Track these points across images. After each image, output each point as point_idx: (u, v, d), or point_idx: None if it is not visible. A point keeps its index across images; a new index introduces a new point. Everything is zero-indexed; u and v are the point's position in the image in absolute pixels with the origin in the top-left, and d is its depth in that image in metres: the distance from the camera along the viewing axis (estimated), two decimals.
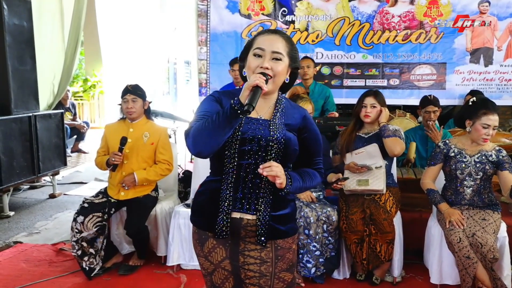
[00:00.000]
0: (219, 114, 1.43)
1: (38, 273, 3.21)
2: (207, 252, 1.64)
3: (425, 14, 5.08)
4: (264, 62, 1.53)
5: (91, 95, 11.28)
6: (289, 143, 1.58)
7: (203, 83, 5.63)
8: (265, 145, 1.55)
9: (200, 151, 1.48)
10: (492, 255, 2.55)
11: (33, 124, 4.57)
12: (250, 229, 1.58)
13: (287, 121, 1.62)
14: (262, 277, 1.60)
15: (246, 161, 1.56)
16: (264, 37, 1.57)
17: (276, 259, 1.61)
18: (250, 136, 1.55)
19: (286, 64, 1.58)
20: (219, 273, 1.65)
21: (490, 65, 5.05)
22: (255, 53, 1.56)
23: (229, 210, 1.57)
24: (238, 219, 1.58)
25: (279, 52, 1.55)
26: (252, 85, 1.42)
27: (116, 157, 3.09)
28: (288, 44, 1.59)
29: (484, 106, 2.71)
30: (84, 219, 2.99)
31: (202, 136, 1.45)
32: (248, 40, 1.65)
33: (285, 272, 1.64)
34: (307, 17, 5.33)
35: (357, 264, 3.02)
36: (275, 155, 1.56)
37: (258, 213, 1.57)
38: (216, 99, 1.62)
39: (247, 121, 1.57)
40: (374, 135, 3.11)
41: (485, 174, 2.75)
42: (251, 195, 1.57)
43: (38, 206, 4.91)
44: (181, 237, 3.16)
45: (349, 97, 5.22)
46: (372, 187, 2.96)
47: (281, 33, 1.61)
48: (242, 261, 1.61)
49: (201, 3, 5.50)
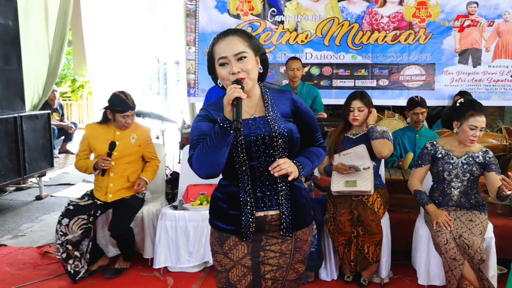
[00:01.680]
0: (211, 137, 1.47)
1: (22, 276, 3.16)
2: (227, 250, 1.66)
3: (414, 15, 5.09)
4: (233, 68, 1.54)
5: (80, 96, 11.19)
6: (292, 133, 1.61)
7: (191, 84, 5.59)
8: (270, 142, 1.59)
9: (208, 174, 1.53)
10: (480, 256, 2.56)
11: (19, 124, 4.51)
12: (275, 224, 1.64)
13: (280, 110, 1.65)
14: (279, 269, 1.66)
15: (257, 161, 1.59)
16: (220, 45, 1.57)
17: (295, 251, 1.68)
18: (253, 137, 1.58)
19: (252, 57, 1.58)
20: (238, 270, 1.66)
21: (479, 65, 5.08)
22: (220, 63, 1.57)
23: (253, 211, 1.61)
24: (262, 216, 1.63)
25: (241, 52, 1.55)
26: (231, 99, 1.43)
27: (106, 163, 3.05)
28: (244, 39, 1.58)
29: (472, 107, 2.72)
30: (69, 221, 2.95)
31: (205, 161, 1.50)
32: (208, 53, 1.64)
33: (300, 263, 1.71)
34: (296, 17, 5.31)
35: (345, 265, 3.01)
36: (282, 149, 1.60)
37: (280, 206, 1.63)
38: (204, 117, 1.63)
39: (245, 124, 1.58)
40: (363, 136, 3.11)
41: (472, 175, 2.76)
42: (271, 192, 1.62)
43: (24, 208, 4.85)
44: (168, 240, 3.13)
45: (338, 98, 5.22)
46: (360, 188, 2.95)
47: (233, 32, 1.60)
48: (263, 256, 1.66)
49: (189, 3, 5.46)
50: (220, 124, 1.44)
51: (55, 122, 7.11)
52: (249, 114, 1.62)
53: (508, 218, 3.25)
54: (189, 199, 3.37)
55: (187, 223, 3.13)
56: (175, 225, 3.14)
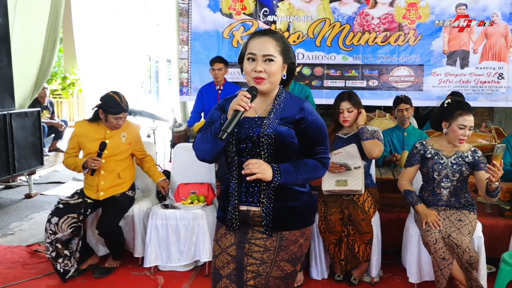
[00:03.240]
0: (211, 130, 1.64)
1: (11, 275, 3.14)
2: (219, 237, 1.79)
3: (404, 16, 5.15)
4: (257, 66, 1.63)
5: (70, 93, 11.09)
6: (281, 136, 1.65)
7: (184, 82, 5.59)
8: (257, 142, 1.66)
9: (203, 158, 1.70)
10: (468, 256, 2.59)
11: (8, 122, 4.46)
12: (257, 220, 1.71)
13: (283, 114, 1.70)
14: (262, 264, 1.70)
15: (244, 158, 1.67)
16: (255, 41, 1.66)
17: (279, 249, 1.71)
18: (244, 136, 1.67)
19: (279, 63, 1.66)
20: (223, 257, 1.75)
21: (466, 67, 5.15)
22: (248, 58, 1.66)
23: (236, 204, 1.71)
24: (245, 211, 1.71)
25: (270, 54, 1.63)
26: (232, 109, 1.57)
27: (95, 162, 3.04)
28: (279, 43, 1.66)
29: (460, 107, 2.75)
30: (58, 220, 2.93)
31: (202, 146, 1.67)
32: (242, 45, 1.73)
33: (286, 262, 1.72)
34: (288, 17, 5.34)
35: (336, 264, 3.03)
36: (267, 150, 1.66)
37: (262, 205, 1.69)
38: (219, 106, 1.76)
39: (243, 122, 1.68)
40: (353, 136, 3.12)
41: (461, 175, 2.79)
42: (253, 189, 1.69)
43: (13, 206, 4.80)
44: (158, 238, 3.12)
45: (329, 98, 5.25)
46: (351, 187, 2.97)
47: (271, 33, 1.68)
48: (247, 248, 1.72)
49: (182, 2, 5.46)
50: (221, 121, 1.59)
51: (45, 120, 7.04)
52: (255, 113, 1.71)
53: (497, 218, 3.30)
54: (180, 198, 3.37)
55: (178, 221, 3.13)
56: (166, 223, 3.13)
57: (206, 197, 3.34)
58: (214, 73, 4.53)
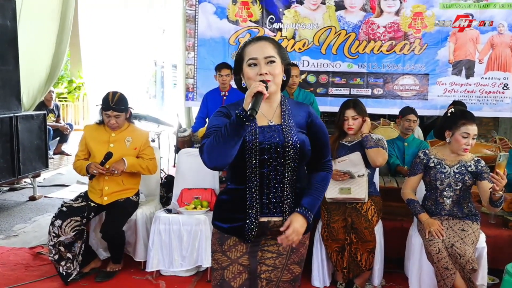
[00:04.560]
0: (226, 126, 1.50)
1: (14, 277, 3.15)
2: (226, 249, 1.72)
3: (410, 26, 5.16)
4: (262, 69, 1.61)
5: (76, 97, 11.15)
6: (304, 145, 1.67)
7: (190, 88, 5.63)
8: (282, 151, 1.64)
9: (216, 165, 1.56)
10: (471, 266, 2.58)
11: (14, 125, 4.50)
12: (276, 230, 1.68)
13: (296, 121, 1.71)
14: (274, 270, 1.71)
15: (267, 169, 1.65)
16: (253, 47, 1.65)
17: (291, 252, 1.73)
18: (267, 145, 1.64)
19: (279, 64, 1.67)
20: (234, 267, 1.71)
21: (471, 77, 5.15)
22: (249, 64, 1.64)
23: (258, 216, 1.67)
24: (265, 222, 1.69)
25: (271, 56, 1.64)
26: (253, 91, 1.50)
27: (97, 169, 3.05)
28: (275, 46, 1.68)
29: (463, 116, 2.76)
30: (62, 223, 2.94)
31: (215, 151, 1.52)
32: (236, 54, 1.72)
33: (295, 264, 1.75)
34: (294, 25, 5.36)
35: (338, 272, 3.02)
36: (292, 159, 1.65)
37: (284, 214, 1.68)
38: (223, 113, 1.70)
39: (261, 130, 1.66)
40: (357, 144, 3.12)
41: (464, 184, 2.79)
42: (276, 199, 1.68)
43: (17, 208, 4.82)
44: (161, 243, 3.12)
45: (334, 105, 5.26)
46: (354, 195, 2.97)
47: (266, 38, 1.71)
48: (260, 255, 1.72)
49: (189, 8, 5.50)
50: (238, 114, 1.47)
51: (51, 123, 7.09)
52: (266, 120, 1.69)
53: (501, 229, 3.28)
54: (183, 203, 3.37)
55: (180, 227, 3.13)
56: (169, 228, 3.14)
57: (210, 202, 3.34)
58: (221, 79, 4.55)
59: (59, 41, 5.08)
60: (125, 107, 3.17)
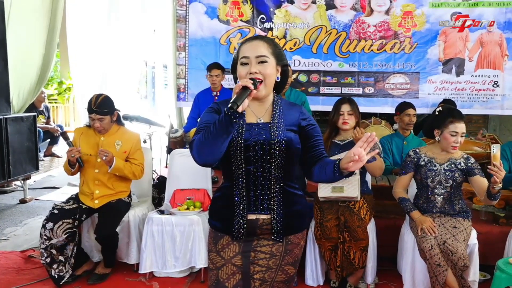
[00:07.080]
0: (215, 123, 1.51)
1: (5, 281, 3.12)
2: (220, 248, 1.72)
3: (400, 25, 5.18)
4: (251, 68, 1.62)
5: (66, 98, 11.06)
6: (291, 143, 1.65)
7: (181, 88, 5.60)
8: (268, 149, 1.64)
9: (205, 161, 1.57)
10: (463, 263, 2.60)
11: (4, 127, 4.44)
12: (266, 227, 1.69)
13: (286, 120, 1.70)
14: (267, 270, 1.70)
15: (253, 166, 1.65)
16: (246, 46, 1.66)
17: (285, 253, 1.72)
18: (253, 142, 1.64)
19: (273, 64, 1.66)
20: (228, 268, 1.71)
21: (462, 75, 5.18)
22: (241, 62, 1.66)
23: (245, 213, 1.67)
24: (254, 220, 1.68)
25: (263, 55, 1.63)
26: (239, 86, 1.51)
27: (72, 153, 3.00)
28: (270, 45, 1.67)
29: (450, 114, 2.79)
30: (53, 225, 2.92)
31: (204, 147, 1.53)
32: (234, 54, 1.73)
33: (290, 265, 1.74)
34: (285, 24, 5.36)
35: (331, 271, 3.03)
36: (279, 157, 1.65)
37: (272, 212, 1.68)
38: (214, 109, 1.71)
39: (248, 127, 1.66)
40: (350, 142, 3.13)
41: (455, 182, 2.81)
42: (263, 196, 1.68)
43: (8, 211, 4.77)
44: (154, 244, 3.11)
45: (325, 104, 5.27)
46: (347, 194, 2.98)
47: (262, 37, 1.71)
48: (253, 256, 1.70)
49: (179, 9, 5.47)
50: (225, 111, 1.48)
51: (41, 124, 7.02)
52: (256, 118, 1.69)
53: (492, 225, 3.32)
54: (176, 204, 3.36)
55: (173, 227, 3.13)
56: (162, 229, 3.13)
57: (202, 203, 3.34)
58: (211, 79, 4.54)
59: (49, 41, 5.02)
60: (109, 109, 3.11)
